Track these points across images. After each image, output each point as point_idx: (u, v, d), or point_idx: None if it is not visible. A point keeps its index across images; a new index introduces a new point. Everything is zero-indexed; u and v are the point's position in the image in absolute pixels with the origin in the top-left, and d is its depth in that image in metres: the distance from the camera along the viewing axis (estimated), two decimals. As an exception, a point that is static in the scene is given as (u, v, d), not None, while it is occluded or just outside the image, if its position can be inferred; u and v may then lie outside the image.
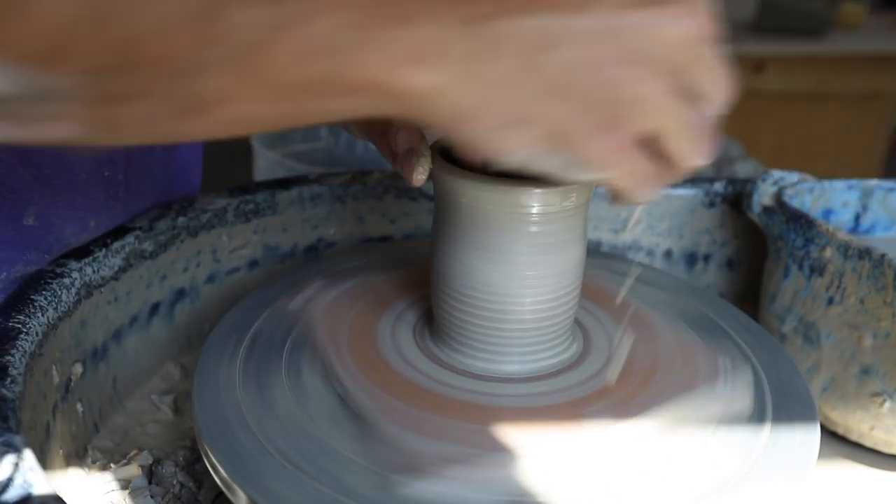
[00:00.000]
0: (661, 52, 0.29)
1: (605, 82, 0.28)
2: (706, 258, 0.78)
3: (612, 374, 0.50)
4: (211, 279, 0.70)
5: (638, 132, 0.31)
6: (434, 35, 0.26)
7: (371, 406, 0.47)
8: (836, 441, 0.60)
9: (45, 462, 0.48)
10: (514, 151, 0.30)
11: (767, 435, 0.48)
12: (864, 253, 0.57)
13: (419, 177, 0.43)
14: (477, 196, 0.47)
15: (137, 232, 0.61)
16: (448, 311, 0.51)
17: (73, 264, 0.55)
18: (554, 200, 0.47)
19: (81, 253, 0.57)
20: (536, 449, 0.45)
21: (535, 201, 0.47)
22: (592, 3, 0.28)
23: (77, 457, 0.55)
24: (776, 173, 0.68)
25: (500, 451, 0.45)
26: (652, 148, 0.32)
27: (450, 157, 0.49)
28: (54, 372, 0.52)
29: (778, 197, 0.66)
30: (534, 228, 0.48)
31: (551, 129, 0.30)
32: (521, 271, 0.48)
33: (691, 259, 0.78)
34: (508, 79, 0.27)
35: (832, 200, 0.69)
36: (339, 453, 0.45)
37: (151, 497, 0.51)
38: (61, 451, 0.52)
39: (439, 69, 0.27)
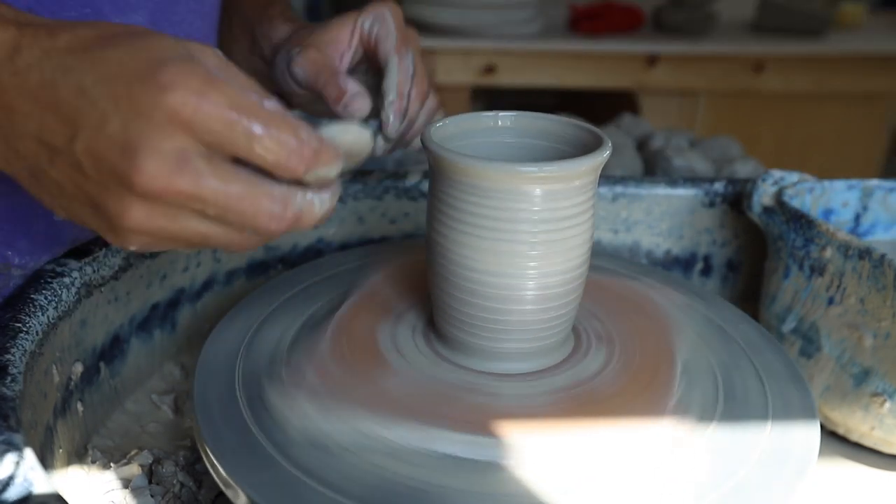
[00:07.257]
0: None
1: None
2: (706, 258, 0.78)
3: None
4: (211, 279, 0.70)
5: None
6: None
7: (371, 406, 0.47)
8: (836, 441, 0.60)
9: (45, 461, 0.48)
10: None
11: (767, 435, 0.48)
12: (865, 253, 0.57)
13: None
14: (480, 175, 0.46)
15: (138, 231, 0.61)
16: (447, 304, 0.51)
17: (74, 264, 0.55)
18: (561, 178, 0.46)
19: (81, 252, 0.57)
20: (536, 448, 0.45)
21: (540, 180, 0.46)
22: None
23: (77, 456, 0.55)
24: (776, 173, 0.68)
25: (500, 451, 0.45)
26: None
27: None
28: (54, 371, 0.52)
29: (778, 197, 0.65)
30: (538, 208, 0.47)
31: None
32: (525, 254, 0.48)
33: (691, 259, 0.78)
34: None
35: (832, 200, 0.69)
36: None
37: (152, 496, 0.51)
38: (62, 450, 0.52)
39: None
